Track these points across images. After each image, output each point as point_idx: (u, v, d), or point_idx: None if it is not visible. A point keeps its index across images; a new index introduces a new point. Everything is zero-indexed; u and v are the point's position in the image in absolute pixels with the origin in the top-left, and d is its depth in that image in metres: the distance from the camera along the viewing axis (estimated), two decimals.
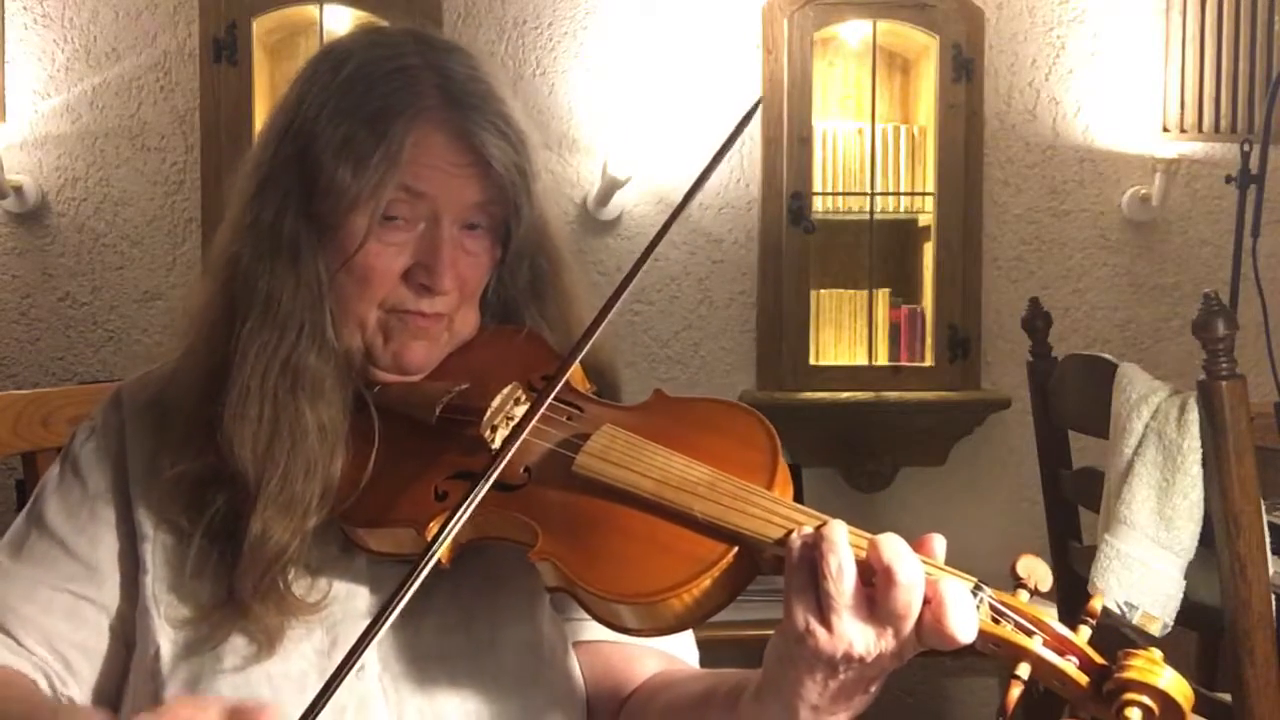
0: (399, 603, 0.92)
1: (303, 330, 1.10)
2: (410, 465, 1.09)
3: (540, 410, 1.03)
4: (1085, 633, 0.88)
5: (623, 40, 3.42)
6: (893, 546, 0.87)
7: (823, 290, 3.46)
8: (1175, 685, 0.84)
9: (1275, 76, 3.05)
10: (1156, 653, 0.86)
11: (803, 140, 3.36)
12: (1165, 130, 3.51)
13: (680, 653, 1.21)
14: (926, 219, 3.44)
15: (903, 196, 3.46)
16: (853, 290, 3.47)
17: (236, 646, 1.08)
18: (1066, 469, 2.59)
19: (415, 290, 1.12)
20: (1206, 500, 2.05)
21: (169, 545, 1.13)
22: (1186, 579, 2.09)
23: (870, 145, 3.42)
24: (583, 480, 1.00)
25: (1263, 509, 2.00)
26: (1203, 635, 2.62)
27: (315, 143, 1.10)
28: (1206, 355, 2.00)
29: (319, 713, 0.89)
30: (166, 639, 1.10)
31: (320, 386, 1.10)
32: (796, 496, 0.98)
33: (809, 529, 0.91)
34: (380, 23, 3.04)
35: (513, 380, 1.11)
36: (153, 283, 3.39)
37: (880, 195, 3.43)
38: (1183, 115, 3.51)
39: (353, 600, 1.11)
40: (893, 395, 3.36)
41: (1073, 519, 2.60)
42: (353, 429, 1.12)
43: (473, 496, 0.97)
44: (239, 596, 1.07)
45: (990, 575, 0.91)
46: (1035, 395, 2.67)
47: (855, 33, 3.46)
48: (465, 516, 0.97)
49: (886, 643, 0.87)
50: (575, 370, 1.12)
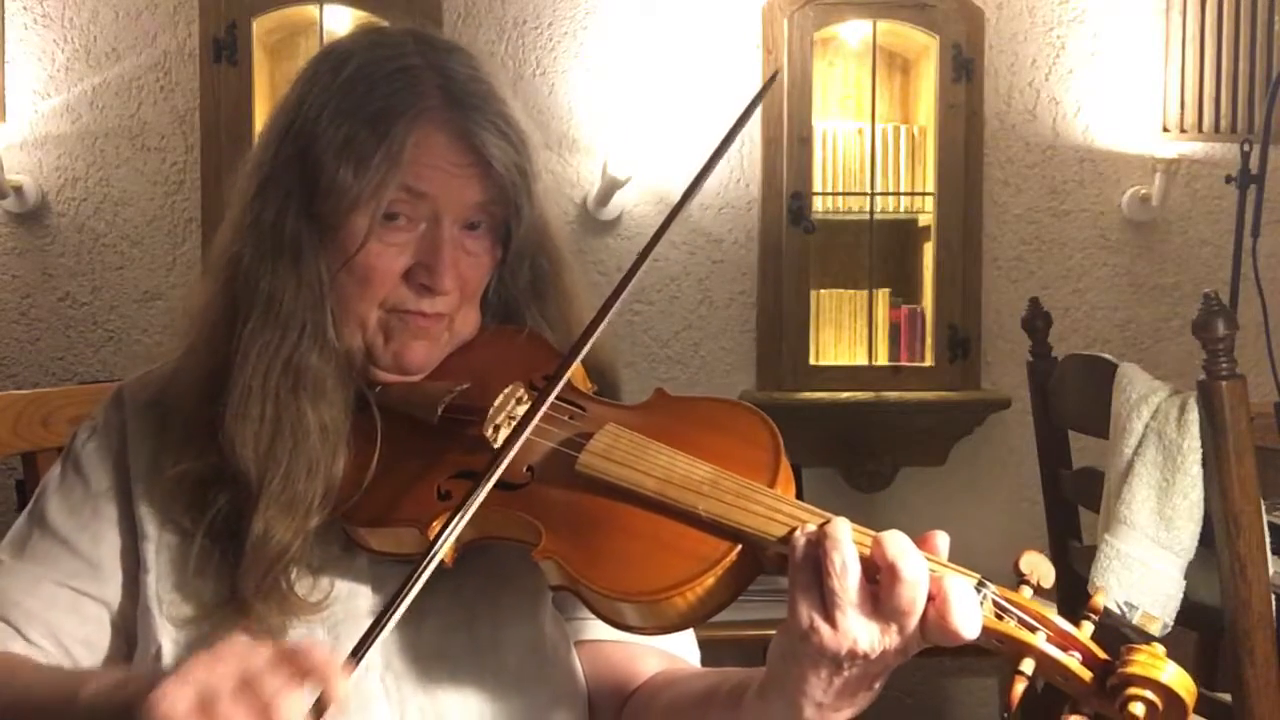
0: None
1: (304, 330, 1.10)
2: (412, 465, 1.09)
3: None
4: (1088, 628, 0.89)
5: (623, 40, 3.42)
6: (897, 543, 0.88)
7: (823, 290, 3.46)
8: (1178, 680, 0.84)
9: (1275, 76, 3.05)
10: (1159, 648, 0.86)
11: (803, 140, 3.36)
12: (1165, 130, 3.51)
13: (682, 652, 1.21)
14: (926, 219, 3.44)
15: (903, 196, 3.46)
16: (853, 290, 3.47)
17: None
18: (1066, 469, 2.59)
19: (416, 290, 1.12)
20: (1206, 500, 2.05)
21: (171, 545, 1.13)
22: (1186, 579, 2.10)
23: (870, 145, 3.42)
24: (586, 479, 1.01)
25: (1263, 509, 2.00)
26: (1203, 635, 2.63)
27: (316, 143, 1.10)
28: (1206, 355, 2.00)
29: (366, 650, 0.90)
30: (168, 638, 1.10)
31: (322, 386, 1.10)
32: (796, 496, 0.98)
33: (813, 526, 0.91)
34: (380, 23, 3.04)
35: (514, 380, 1.11)
36: (153, 283, 3.39)
37: (880, 195, 3.43)
38: (1183, 115, 3.51)
39: (354, 600, 1.11)
40: (893, 395, 3.36)
41: (1073, 519, 2.61)
42: (354, 429, 1.12)
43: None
44: (241, 596, 1.07)
45: (991, 575, 0.91)
46: (1035, 395, 2.67)
47: (855, 33, 3.46)
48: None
49: (891, 639, 0.88)
50: (577, 370, 1.12)
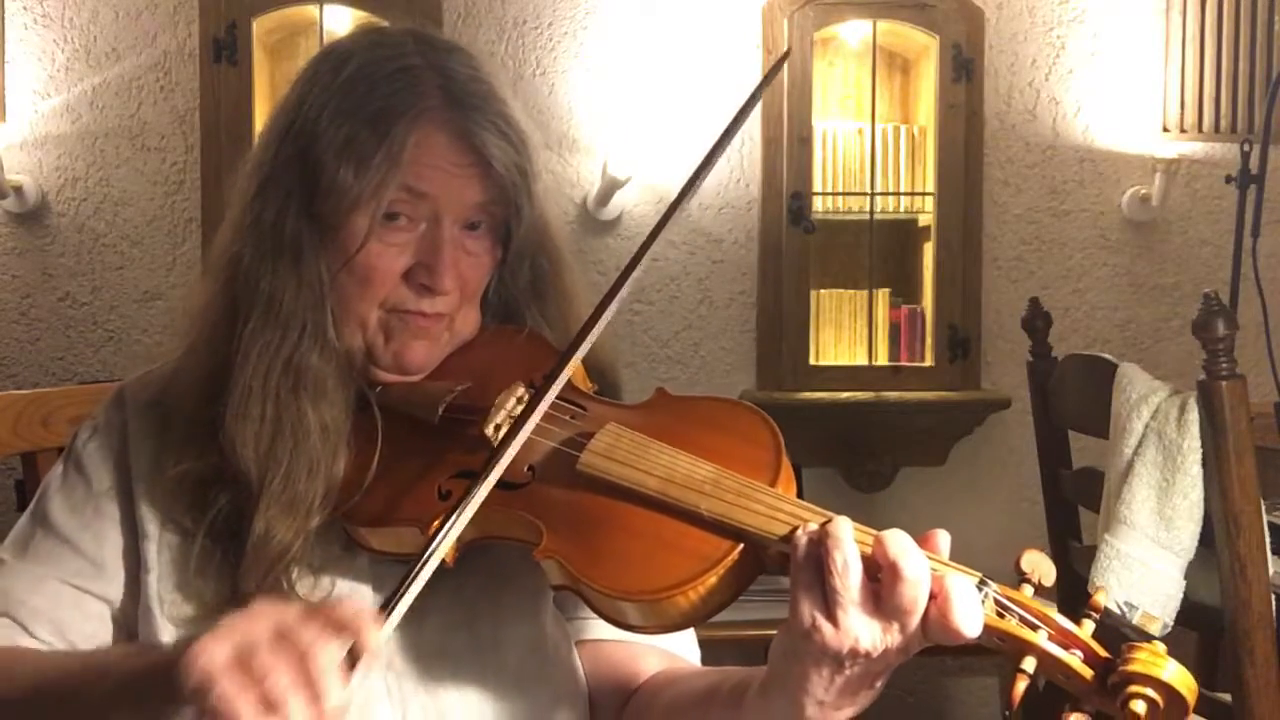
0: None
1: (305, 330, 1.10)
2: (413, 464, 1.09)
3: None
4: (1089, 626, 0.89)
5: (623, 40, 3.42)
6: (898, 542, 0.88)
7: (823, 290, 3.45)
8: (1179, 677, 0.85)
9: (1275, 76, 3.05)
10: (1160, 645, 0.86)
11: (803, 140, 3.36)
12: (1165, 130, 3.51)
13: (682, 651, 1.21)
14: (926, 219, 3.44)
15: (903, 196, 3.46)
16: (853, 290, 3.46)
17: None
18: (1066, 469, 2.59)
19: (416, 290, 1.12)
20: (1206, 500, 2.05)
21: (172, 544, 1.13)
22: (1186, 579, 2.10)
23: (870, 145, 3.41)
24: (587, 479, 1.01)
25: (1263, 509, 2.00)
26: (1203, 635, 2.63)
27: (317, 143, 1.10)
28: (1206, 355, 2.00)
29: (397, 603, 0.90)
30: (169, 637, 1.10)
31: (322, 386, 1.10)
32: (797, 496, 0.98)
33: (815, 525, 0.91)
34: (380, 23, 3.04)
35: (515, 380, 1.11)
36: (153, 283, 3.39)
37: (880, 195, 3.43)
38: (1183, 115, 3.51)
39: (355, 599, 1.11)
40: (893, 395, 3.36)
41: (1073, 519, 2.61)
42: (355, 429, 1.13)
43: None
44: (242, 595, 1.07)
45: (991, 575, 0.91)
46: (1035, 395, 2.67)
47: (855, 33, 3.46)
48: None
49: (892, 638, 0.88)
50: (577, 370, 1.12)
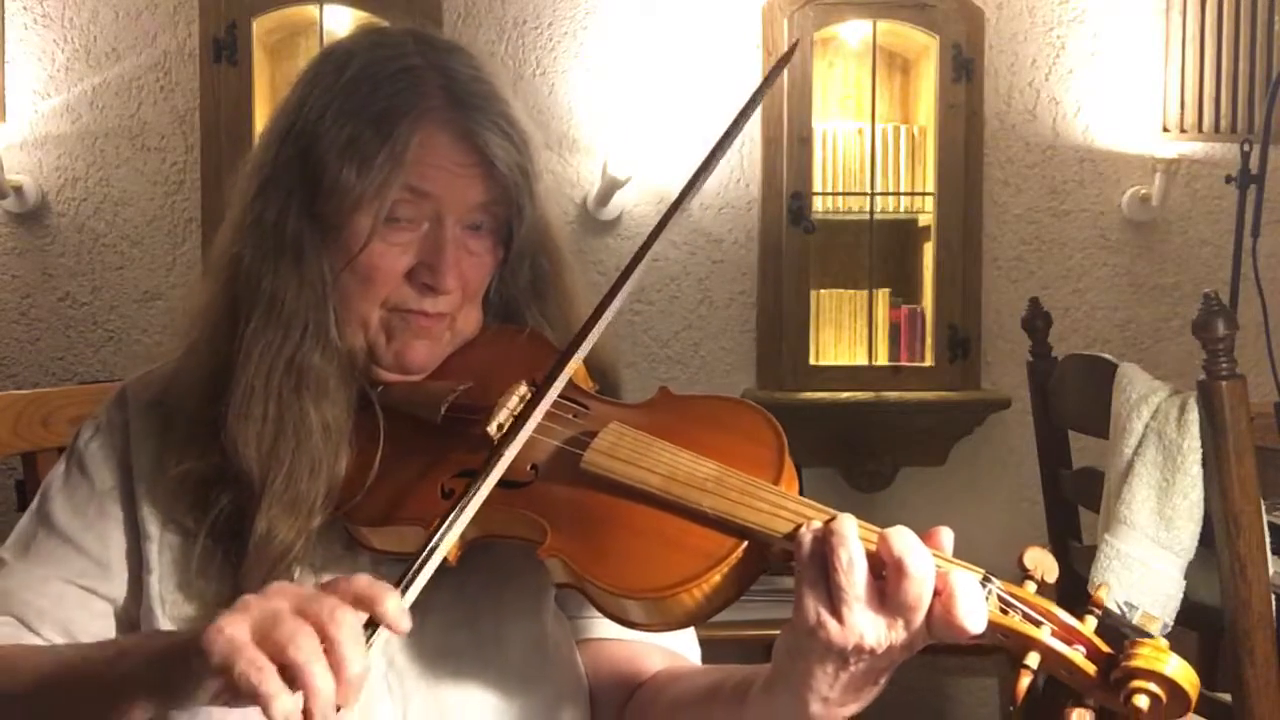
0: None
1: (307, 330, 1.10)
2: (415, 464, 1.09)
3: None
4: (1091, 622, 0.89)
5: (623, 40, 3.42)
6: (903, 539, 0.88)
7: (823, 290, 3.45)
8: (1181, 672, 0.85)
9: (1275, 76, 3.05)
10: (1162, 641, 0.86)
11: (803, 140, 3.35)
12: (1165, 130, 3.51)
13: (683, 651, 1.21)
14: (926, 219, 3.43)
15: (903, 196, 3.45)
16: (853, 290, 3.46)
17: None
18: (1066, 469, 2.59)
19: (418, 290, 1.13)
20: (1206, 500, 2.05)
21: (174, 545, 1.13)
22: (1186, 579, 2.10)
23: (870, 145, 3.41)
24: (591, 477, 1.01)
25: (1263, 509, 2.00)
26: (1203, 635, 2.63)
27: (319, 143, 1.10)
28: (1206, 355, 2.00)
29: (413, 580, 0.91)
30: None
31: (324, 386, 1.11)
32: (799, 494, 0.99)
33: (818, 523, 0.91)
34: (381, 23, 3.04)
35: (517, 379, 1.11)
36: (153, 283, 3.39)
37: (880, 195, 3.42)
38: (1183, 115, 3.51)
39: None
40: (893, 395, 3.36)
41: (1073, 519, 2.61)
42: (357, 428, 1.13)
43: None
44: (244, 595, 1.07)
45: (992, 574, 0.91)
46: (1035, 395, 2.67)
47: (855, 33, 3.46)
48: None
49: (897, 634, 0.88)
50: (578, 369, 1.12)
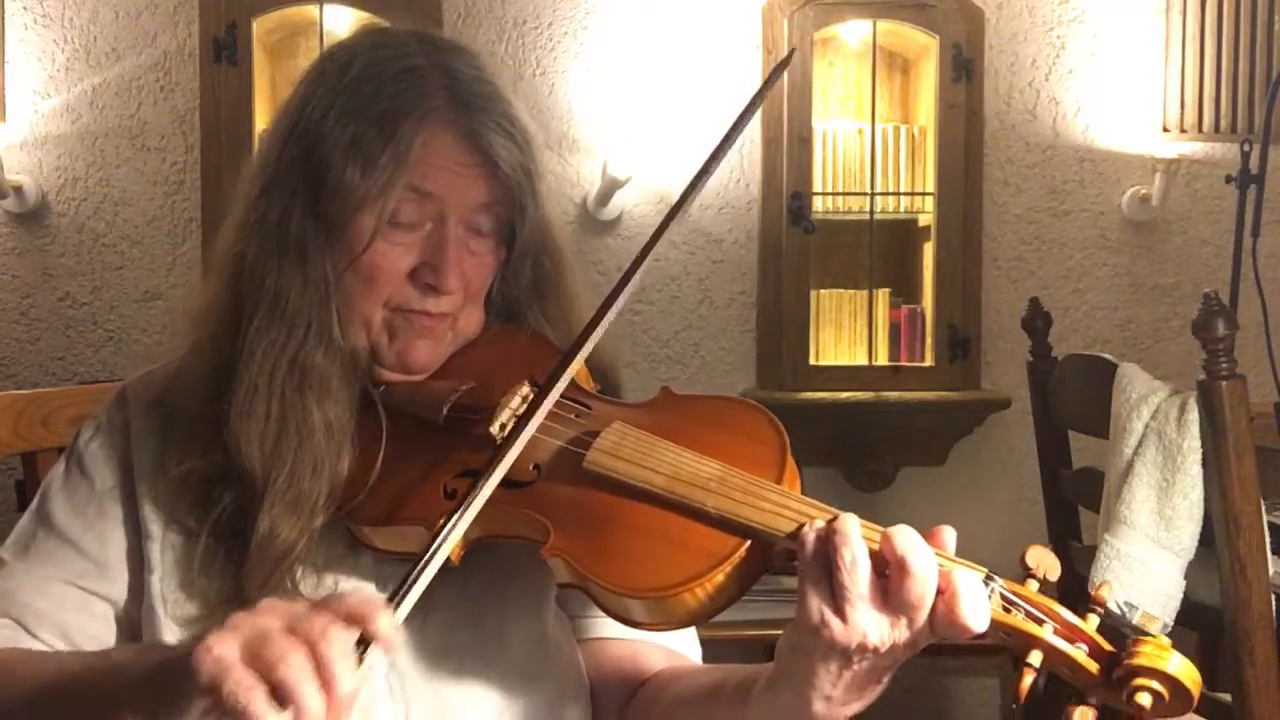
0: (408, 591, 0.92)
1: (310, 329, 1.10)
2: (418, 464, 1.09)
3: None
4: (1094, 621, 0.90)
5: (623, 40, 3.42)
6: (906, 538, 0.88)
7: (823, 290, 3.45)
8: (1184, 670, 0.85)
9: (1275, 76, 3.06)
10: (1164, 639, 0.87)
11: (803, 140, 3.35)
12: (1165, 130, 3.51)
13: (684, 649, 1.21)
14: (926, 219, 3.44)
15: (903, 196, 3.45)
16: (853, 290, 3.46)
17: None
18: (1066, 469, 2.59)
19: (421, 290, 1.13)
20: (1206, 500, 2.05)
21: (176, 544, 1.13)
22: (1186, 579, 2.10)
23: (870, 145, 3.41)
24: (593, 477, 1.01)
25: (1263, 509, 2.00)
26: (1203, 635, 2.63)
27: (323, 142, 1.10)
28: (1206, 355, 2.00)
29: (405, 594, 0.90)
30: (173, 637, 1.10)
31: (327, 385, 1.11)
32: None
33: (821, 522, 0.92)
34: (381, 23, 3.04)
35: (519, 379, 1.11)
36: (153, 283, 3.39)
37: (880, 195, 3.42)
38: (1183, 115, 3.51)
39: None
40: (893, 395, 3.36)
41: (1073, 519, 2.61)
42: (359, 428, 1.13)
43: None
44: (246, 594, 1.07)
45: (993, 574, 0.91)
46: (1035, 395, 2.67)
47: (855, 33, 3.46)
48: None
49: (900, 633, 0.88)
50: (580, 369, 1.12)
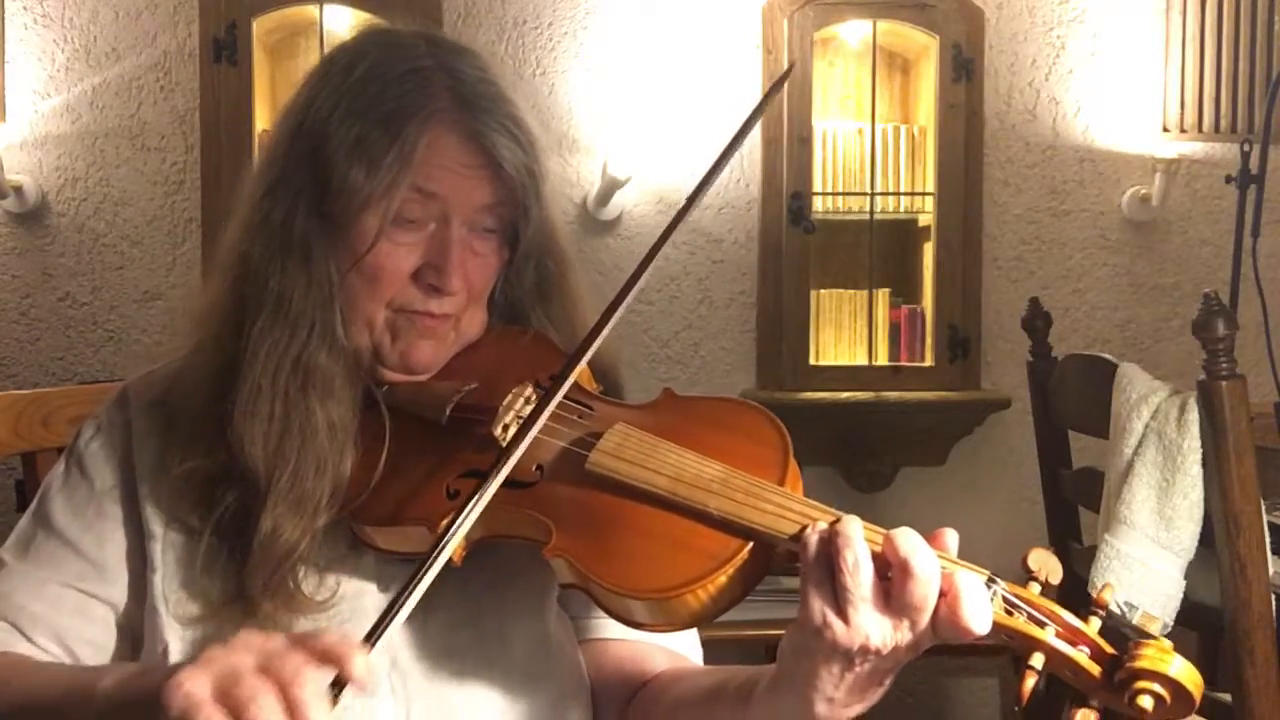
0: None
1: (313, 329, 1.10)
2: (421, 464, 1.09)
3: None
4: (1095, 623, 0.90)
5: (623, 40, 3.42)
6: (908, 540, 0.88)
7: (823, 290, 3.45)
8: (1186, 673, 0.85)
9: (1275, 76, 3.06)
10: (1166, 642, 0.87)
11: (803, 140, 3.36)
12: (1165, 130, 3.51)
13: (686, 651, 1.21)
14: (926, 219, 3.44)
15: (903, 196, 3.45)
16: (853, 290, 3.46)
17: None
18: (1066, 469, 2.60)
19: (424, 290, 1.13)
20: (1206, 500, 2.06)
21: (178, 543, 1.13)
22: (1186, 579, 2.10)
23: (870, 145, 3.41)
24: (596, 478, 1.01)
25: (1263, 509, 2.00)
26: (1203, 635, 2.63)
27: (328, 143, 1.11)
28: (1206, 355, 2.00)
29: (381, 632, 0.90)
30: (175, 636, 1.10)
31: (330, 385, 1.11)
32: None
33: (824, 524, 0.92)
34: (380, 23, 3.03)
35: (522, 380, 1.12)
36: (153, 283, 3.39)
37: (880, 195, 3.43)
38: (1183, 115, 3.51)
39: (361, 598, 1.11)
40: (893, 395, 3.36)
41: (1073, 519, 2.61)
42: (362, 428, 1.13)
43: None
44: (248, 594, 1.08)
45: (993, 574, 0.91)
46: (1035, 395, 2.68)
47: (855, 33, 3.46)
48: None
49: (902, 635, 0.88)
50: (583, 370, 1.12)
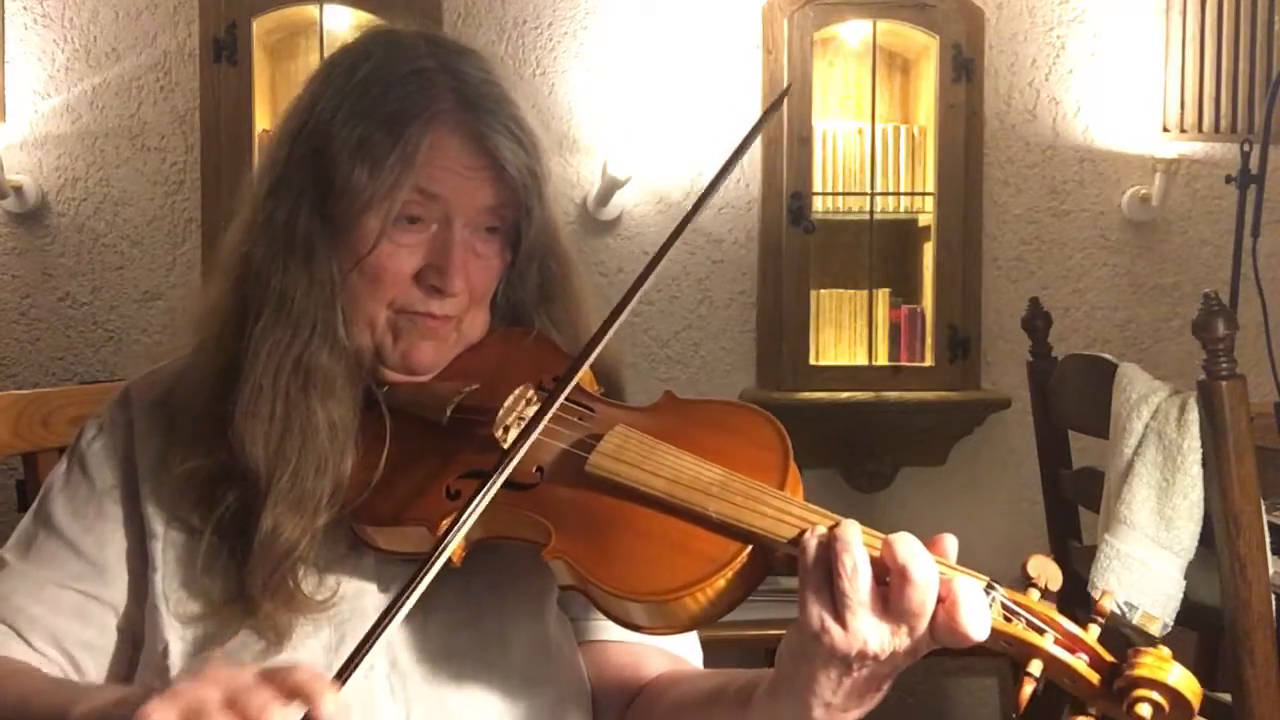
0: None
1: (315, 329, 1.11)
2: (421, 464, 1.10)
3: (553, 408, 1.03)
4: (1095, 631, 0.90)
5: (623, 40, 3.42)
6: (907, 545, 0.88)
7: (823, 290, 3.45)
8: (1184, 682, 0.85)
9: (1275, 76, 3.06)
10: (1165, 650, 0.87)
11: (803, 140, 3.35)
12: (1165, 130, 3.51)
13: (685, 654, 1.21)
14: (926, 219, 3.43)
15: (903, 196, 3.45)
16: (853, 290, 3.46)
17: (245, 643, 1.08)
18: (1066, 469, 2.60)
19: (425, 291, 1.13)
20: (1206, 500, 2.06)
21: (179, 542, 1.13)
22: (1186, 579, 2.10)
23: (870, 145, 3.41)
24: (596, 480, 1.01)
25: (1263, 509, 2.00)
26: (1203, 635, 2.63)
27: (331, 144, 1.11)
28: (1206, 355, 2.00)
29: (353, 671, 0.90)
30: (175, 635, 1.10)
31: (331, 385, 1.11)
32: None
33: (823, 529, 0.92)
34: (381, 23, 3.03)
35: (523, 381, 1.12)
36: (153, 283, 3.38)
37: (880, 195, 3.42)
38: (1183, 115, 3.51)
39: (361, 598, 1.11)
40: (893, 395, 3.35)
41: (1073, 519, 2.61)
42: (363, 428, 1.13)
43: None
44: (249, 593, 1.08)
45: (991, 575, 0.91)
46: (1035, 395, 2.68)
47: (855, 33, 3.46)
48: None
49: (900, 640, 0.88)
50: (584, 372, 1.12)
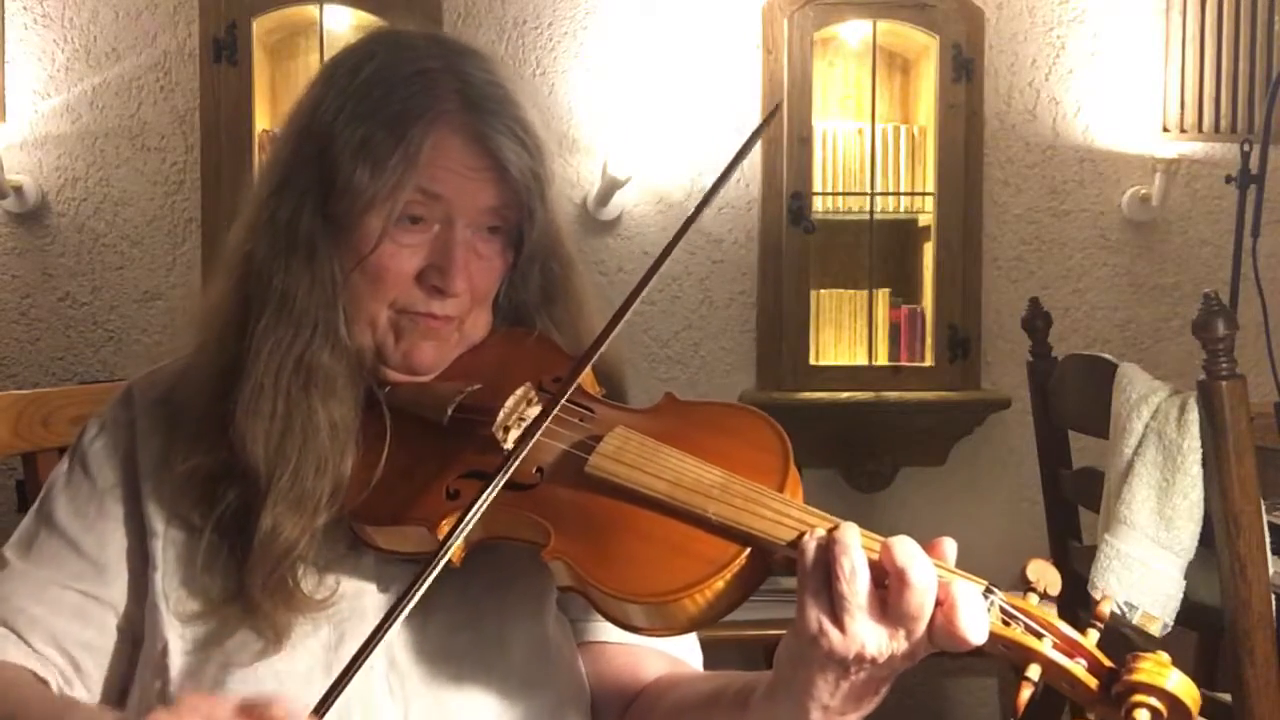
0: (411, 599, 0.92)
1: (316, 328, 1.11)
2: (421, 464, 1.10)
3: (555, 410, 1.03)
4: (1094, 635, 0.90)
5: (623, 40, 3.42)
6: (906, 549, 0.88)
7: (823, 290, 3.45)
8: (1183, 687, 0.85)
9: (1275, 76, 3.05)
10: (1164, 655, 0.87)
11: (803, 140, 3.35)
12: (1165, 130, 3.51)
13: (685, 655, 1.21)
14: (926, 219, 3.44)
15: (903, 196, 3.45)
16: (853, 290, 3.46)
17: (244, 642, 1.08)
18: (1066, 469, 2.60)
19: (427, 292, 1.13)
20: (1206, 500, 2.06)
21: (179, 540, 1.13)
22: (1186, 579, 2.10)
23: (870, 145, 3.41)
24: (596, 481, 1.01)
25: (1263, 509, 2.00)
26: (1203, 635, 2.63)
27: (334, 143, 1.11)
28: (1206, 355, 2.00)
29: (329, 707, 0.90)
30: (175, 634, 1.10)
31: (332, 384, 1.11)
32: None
33: (822, 531, 0.92)
34: (380, 23, 3.04)
35: (525, 382, 1.12)
36: (153, 283, 3.38)
37: (880, 195, 3.42)
38: (1183, 115, 3.51)
39: (360, 598, 1.11)
40: (893, 395, 3.36)
41: (1073, 519, 2.61)
42: (364, 427, 1.13)
43: (487, 494, 0.97)
44: (248, 592, 1.08)
45: (991, 575, 0.91)
46: (1035, 395, 2.68)
47: (855, 33, 3.46)
48: (479, 515, 0.97)
49: (898, 644, 0.88)
50: (586, 373, 1.12)
